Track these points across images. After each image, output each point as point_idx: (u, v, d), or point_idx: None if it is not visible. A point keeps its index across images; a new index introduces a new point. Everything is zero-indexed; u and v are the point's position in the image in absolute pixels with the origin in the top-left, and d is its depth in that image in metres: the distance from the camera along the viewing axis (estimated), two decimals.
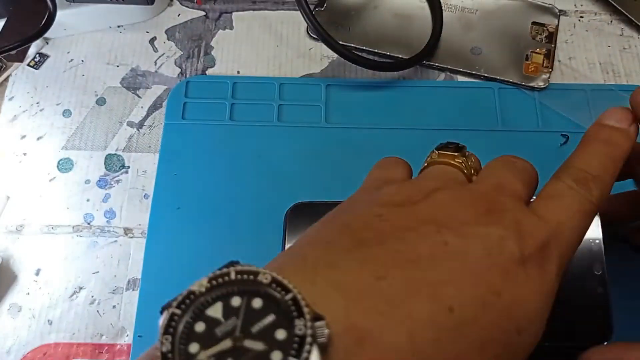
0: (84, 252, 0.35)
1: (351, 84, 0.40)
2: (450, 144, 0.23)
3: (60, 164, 0.38)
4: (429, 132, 0.38)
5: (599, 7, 0.43)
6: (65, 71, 0.41)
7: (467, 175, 0.22)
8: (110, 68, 0.41)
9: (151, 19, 0.43)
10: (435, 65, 0.40)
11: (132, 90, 0.40)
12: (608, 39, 0.42)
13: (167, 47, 0.42)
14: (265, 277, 0.14)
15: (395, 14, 0.42)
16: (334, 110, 0.39)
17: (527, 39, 0.41)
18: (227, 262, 0.15)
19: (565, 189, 0.20)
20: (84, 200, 0.36)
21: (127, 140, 0.38)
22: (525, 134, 0.38)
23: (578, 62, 0.41)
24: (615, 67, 0.41)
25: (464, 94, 0.39)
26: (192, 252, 0.34)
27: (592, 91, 0.39)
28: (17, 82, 0.41)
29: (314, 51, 0.42)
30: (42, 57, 0.42)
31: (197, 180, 0.36)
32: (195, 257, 0.34)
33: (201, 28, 0.43)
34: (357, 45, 0.41)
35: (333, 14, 0.42)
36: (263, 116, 0.38)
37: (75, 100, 0.40)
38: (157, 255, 0.34)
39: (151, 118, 0.39)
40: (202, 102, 0.39)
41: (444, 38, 0.41)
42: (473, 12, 0.42)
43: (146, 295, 0.33)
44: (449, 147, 0.23)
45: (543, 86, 0.39)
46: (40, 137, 0.39)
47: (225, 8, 0.44)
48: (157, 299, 0.19)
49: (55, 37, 0.42)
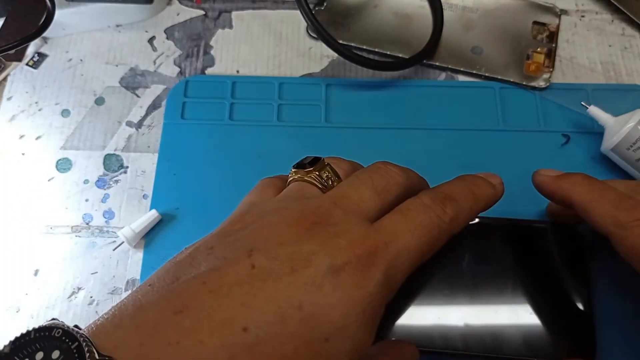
0: (82, 253, 0.35)
1: (351, 83, 0.40)
2: (307, 159, 0.24)
3: (59, 164, 0.38)
4: (430, 132, 0.38)
5: (600, 7, 0.43)
6: (64, 71, 0.41)
7: (323, 188, 0.23)
8: (109, 67, 0.41)
9: (150, 18, 0.43)
10: (436, 64, 0.40)
11: (131, 89, 0.40)
12: (609, 39, 0.42)
13: (166, 46, 0.42)
14: (57, 332, 0.15)
15: (395, 13, 0.42)
16: (334, 110, 0.39)
17: (528, 39, 0.41)
18: (49, 321, 0.16)
19: (418, 204, 0.22)
20: (82, 201, 0.36)
21: (126, 140, 0.38)
22: (526, 133, 0.38)
23: (579, 62, 0.41)
24: (617, 67, 0.40)
25: (464, 93, 0.39)
26: None
27: (593, 91, 0.39)
28: (15, 82, 0.40)
29: (314, 50, 0.42)
30: (40, 57, 0.41)
31: (196, 180, 0.36)
32: None
33: (200, 27, 0.42)
34: (357, 44, 0.41)
35: (333, 13, 0.42)
36: (263, 116, 0.38)
37: (74, 100, 0.40)
38: (156, 255, 0.34)
39: (150, 118, 0.39)
40: (202, 102, 0.39)
41: (445, 37, 0.41)
42: (474, 11, 0.42)
43: None
44: (303, 164, 0.24)
45: (544, 86, 0.39)
46: (38, 137, 0.38)
47: (225, 7, 0.43)
48: None
49: (54, 37, 0.42)
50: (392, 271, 0.19)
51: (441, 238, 0.21)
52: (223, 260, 0.18)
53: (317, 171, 0.23)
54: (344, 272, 0.18)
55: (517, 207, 0.35)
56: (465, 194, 0.24)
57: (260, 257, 0.18)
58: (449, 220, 0.21)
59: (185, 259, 0.20)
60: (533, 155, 0.37)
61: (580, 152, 0.37)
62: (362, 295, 0.18)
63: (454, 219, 0.22)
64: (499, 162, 0.37)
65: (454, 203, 0.22)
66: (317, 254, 0.18)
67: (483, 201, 0.24)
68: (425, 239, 0.20)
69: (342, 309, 0.17)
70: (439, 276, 0.30)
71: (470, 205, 0.23)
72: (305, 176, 0.23)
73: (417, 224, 0.21)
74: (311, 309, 0.17)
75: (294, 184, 0.24)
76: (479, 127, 0.38)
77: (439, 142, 0.37)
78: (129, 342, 0.16)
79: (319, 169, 0.23)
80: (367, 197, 0.21)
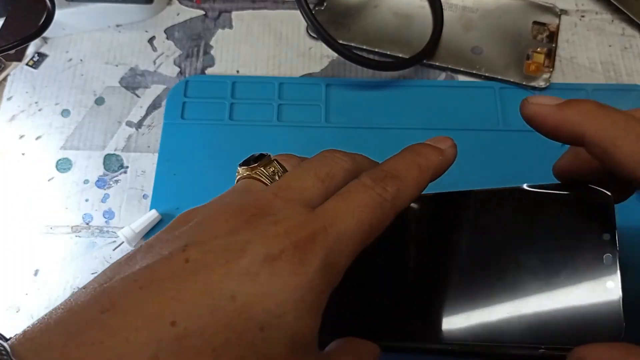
0: (82, 253, 0.35)
1: (351, 83, 0.40)
2: (252, 156, 0.24)
3: (59, 164, 0.38)
4: (430, 132, 0.38)
5: (600, 7, 0.43)
6: (64, 71, 0.41)
7: (269, 182, 0.23)
8: (109, 67, 0.41)
9: (150, 18, 0.43)
10: (436, 64, 0.40)
11: (131, 89, 0.40)
12: (609, 39, 0.42)
13: (166, 46, 0.42)
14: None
15: (395, 13, 0.42)
16: (334, 110, 0.39)
17: (528, 39, 0.41)
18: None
19: (358, 185, 0.21)
20: (82, 201, 0.36)
21: (126, 140, 0.38)
22: (526, 133, 0.38)
23: (579, 62, 0.41)
24: (617, 67, 0.40)
25: (464, 93, 0.39)
26: None
27: (593, 91, 0.39)
28: (15, 82, 0.40)
29: (314, 50, 0.42)
30: (40, 57, 0.41)
31: (196, 180, 0.36)
32: None
33: (200, 27, 0.42)
34: (357, 44, 0.41)
35: (333, 13, 0.42)
36: (263, 116, 0.38)
37: (74, 100, 0.40)
38: None
39: (150, 118, 0.39)
40: (202, 102, 0.39)
41: (445, 37, 0.41)
42: (474, 11, 0.42)
43: None
44: (248, 161, 0.24)
45: (544, 86, 0.39)
46: (38, 137, 0.38)
47: (225, 7, 0.43)
48: None
49: (54, 37, 0.42)
50: (333, 255, 0.19)
51: (385, 217, 0.21)
52: (157, 257, 0.18)
53: (262, 167, 0.23)
54: (281, 260, 0.18)
55: None
56: (407, 167, 0.23)
57: (194, 250, 0.18)
58: (392, 198, 0.21)
59: (124, 260, 0.19)
60: (533, 155, 0.37)
61: None
62: (299, 282, 0.18)
63: (396, 195, 0.21)
64: (499, 162, 0.37)
65: (395, 179, 0.22)
66: (252, 244, 0.18)
67: (430, 170, 0.23)
68: (367, 219, 0.20)
69: (278, 297, 0.17)
70: (413, 258, 0.26)
71: (415, 178, 0.22)
72: (251, 173, 0.23)
73: (357, 204, 0.20)
74: (245, 299, 0.17)
75: (240, 181, 0.24)
76: (478, 127, 0.38)
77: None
78: (53, 345, 0.16)
79: (264, 164, 0.23)
80: (309, 185, 0.21)
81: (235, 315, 0.16)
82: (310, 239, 0.18)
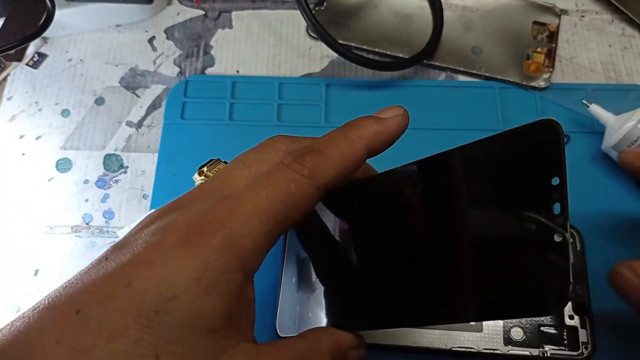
0: (82, 253, 0.35)
1: (351, 83, 0.40)
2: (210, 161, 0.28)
3: (59, 164, 0.38)
4: (430, 132, 0.38)
5: (600, 7, 0.43)
6: (64, 71, 0.41)
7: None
8: (109, 67, 0.41)
9: (150, 18, 0.43)
10: (436, 64, 0.40)
11: (131, 89, 0.40)
12: (609, 39, 0.42)
13: (166, 46, 0.42)
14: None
15: (395, 13, 0.42)
16: (334, 109, 0.39)
17: (528, 39, 0.41)
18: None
19: (275, 165, 0.21)
20: (82, 201, 0.36)
21: (126, 140, 0.38)
22: None
23: (579, 62, 0.41)
24: (617, 67, 0.40)
25: (464, 93, 0.39)
26: None
27: (593, 91, 0.39)
28: (15, 82, 0.40)
29: (314, 50, 0.42)
30: (40, 57, 0.41)
31: None
32: None
33: (200, 27, 0.43)
34: (357, 44, 0.41)
35: (333, 13, 0.42)
36: (263, 116, 0.38)
37: (74, 100, 0.40)
38: None
39: (150, 118, 0.39)
40: (202, 102, 0.39)
41: (445, 37, 0.41)
42: (474, 11, 0.42)
43: None
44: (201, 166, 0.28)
45: (544, 86, 0.39)
46: (38, 137, 0.38)
47: (225, 7, 0.43)
48: None
49: (54, 37, 0.42)
50: (235, 237, 0.19)
51: (302, 193, 0.20)
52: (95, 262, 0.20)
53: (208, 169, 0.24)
54: (177, 245, 0.18)
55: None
56: (334, 140, 0.22)
57: (113, 249, 0.20)
58: (309, 173, 0.21)
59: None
60: None
61: (580, 151, 0.37)
62: (192, 264, 0.18)
63: (314, 170, 0.21)
64: None
65: (315, 154, 0.21)
66: (154, 234, 0.19)
67: (362, 140, 0.22)
68: (277, 197, 0.20)
69: (170, 281, 0.18)
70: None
71: (341, 151, 0.22)
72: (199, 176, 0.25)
73: (268, 183, 0.20)
74: (140, 285, 0.18)
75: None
76: (479, 127, 0.38)
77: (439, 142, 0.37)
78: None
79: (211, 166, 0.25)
80: (234, 173, 0.22)
81: (130, 301, 0.17)
82: (208, 224, 0.19)
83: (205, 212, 0.19)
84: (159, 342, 0.17)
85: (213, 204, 0.20)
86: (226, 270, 0.19)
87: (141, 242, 0.19)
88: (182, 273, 0.18)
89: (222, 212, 0.19)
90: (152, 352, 0.17)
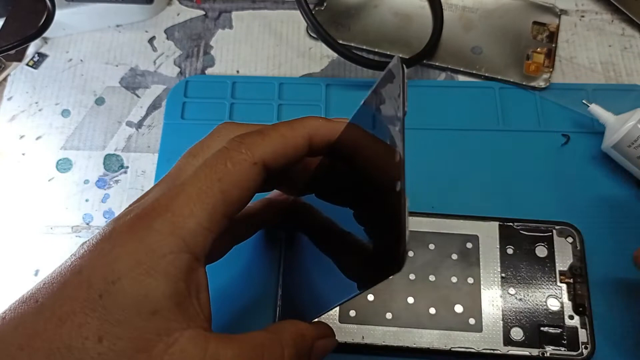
0: None
1: (351, 83, 0.40)
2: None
3: (59, 164, 0.38)
4: (430, 132, 0.38)
5: (600, 7, 0.43)
6: (64, 71, 0.41)
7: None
8: (109, 68, 0.41)
9: (150, 18, 0.43)
10: (436, 64, 0.40)
11: (131, 90, 0.40)
12: (609, 39, 0.42)
13: (166, 46, 0.42)
14: None
15: (395, 13, 0.42)
16: (334, 110, 0.39)
17: (528, 39, 0.41)
18: None
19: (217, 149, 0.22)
20: (82, 201, 0.36)
21: (126, 140, 0.38)
22: (526, 133, 0.38)
23: (579, 62, 0.41)
24: (617, 67, 0.40)
25: (464, 93, 0.39)
26: None
27: (593, 91, 0.39)
28: (15, 82, 0.40)
29: (314, 51, 0.42)
30: (41, 57, 0.41)
31: None
32: None
33: (200, 27, 0.43)
34: (357, 44, 0.41)
35: (333, 13, 0.42)
36: (263, 116, 0.38)
37: (74, 100, 0.40)
38: None
39: (150, 118, 0.39)
40: (202, 102, 0.39)
41: (445, 37, 0.41)
42: (474, 11, 0.42)
43: None
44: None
45: (544, 86, 0.39)
46: (39, 137, 0.39)
47: (225, 7, 0.43)
48: None
49: (54, 37, 0.42)
50: (177, 219, 0.19)
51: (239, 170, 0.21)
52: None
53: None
54: (124, 233, 0.19)
55: (516, 207, 0.35)
56: (277, 125, 0.23)
57: (79, 247, 0.20)
58: (245, 149, 0.21)
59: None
60: (533, 155, 0.37)
61: (580, 151, 0.37)
62: (137, 247, 0.19)
63: (251, 146, 0.21)
64: (499, 162, 0.37)
65: (256, 134, 0.22)
66: (109, 226, 0.20)
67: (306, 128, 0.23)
68: (215, 176, 0.20)
69: (114, 264, 0.18)
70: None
71: (282, 133, 0.22)
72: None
73: (206, 165, 0.21)
74: (89, 271, 0.19)
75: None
76: (478, 127, 0.38)
77: (439, 142, 0.37)
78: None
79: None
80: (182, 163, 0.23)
81: (78, 287, 0.18)
82: (153, 210, 0.20)
83: (152, 200, 0.20)
84: (102, 325, 0.18)
85: (160, 192, 0.21)
86: (169, 252, 0.19)
87: (97, 234, 0.20)
88: (125, 256, 0.19)
89: (166, 198, 0.20)
90: (95, 335, 0.17)
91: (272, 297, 0.32)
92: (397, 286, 0.32)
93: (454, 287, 0.32)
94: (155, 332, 0.18)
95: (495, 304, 0.31)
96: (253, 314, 0.32)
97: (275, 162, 0.22)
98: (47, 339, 0.17)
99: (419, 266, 0.32)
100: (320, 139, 0.23)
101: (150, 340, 0.18)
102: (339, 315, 0.31)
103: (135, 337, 0.18)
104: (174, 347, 0.18)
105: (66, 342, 0.17)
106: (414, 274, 0.32)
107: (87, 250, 0.19)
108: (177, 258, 0.19)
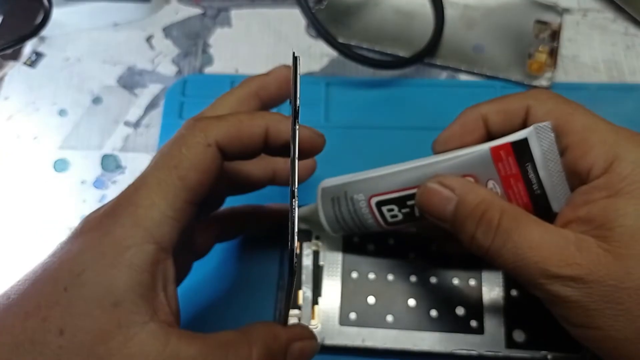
0: None
1: (351, 82, 0.40)
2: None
3: (56, 164, 0.37)
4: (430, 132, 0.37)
5: (602, 5, 0.43)
6: (62, 70, 0.41)
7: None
8: (106, 67, 0.41)
9: (148, 17, 0.42)
10: (437, 63, 0.40)
11: (128, 89, 0.40)
12: (612, 37, 0.41)
13: (164, 45, 0.41)
14: None
15: (396, 11, 0.42)
16: (334, 108, 0.38)
17: (530, 37, 0.41)
18: None
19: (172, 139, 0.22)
20: (80, 201, 0.36)
21: (124, 140, 0.38)
22: None
23: (582, 61, 0.40)
24: (619, 66, 0.40)
25: (466, 92, 0.39)
26: None
27: (596, 90, 0.38)
28: (12, 81, 0.40)
29: (314, 49, 0.41)
30: (38, 56, 0.41)
31: None
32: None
33: (199, 26, 0.42)
34: (358, 43, 0.40)
35: (333, 11, 0.42)
36: None
37: (71, 100, 0.39)
38: None
39: (148, 117, 0.39)
40: (200, 101, 0.38)
41: (446, 36, 0.41)
42: (475, 9, 0.42)
43: None
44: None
45: (546, 85, 0.38)
46: (35, 137, 0.38)
47: (223, 5, 0.43)
48: None
49: (51, 36, 0.42)
50: (140, 210, 0.19)
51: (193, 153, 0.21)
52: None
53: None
54: (91, 228, 0.20)
55: None
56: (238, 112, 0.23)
57: (56, 247, 0.21)
58: (199, 132, 0.21)
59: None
60: None
61: None
62: (102, 240, 0.19)
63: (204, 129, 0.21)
64: None
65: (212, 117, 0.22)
66: (80, 224, 0.21)
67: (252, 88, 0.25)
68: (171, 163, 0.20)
69: (80, 257, 0.19)
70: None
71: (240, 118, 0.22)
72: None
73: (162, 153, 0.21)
74: (55, 265, 0.19)
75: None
76: None
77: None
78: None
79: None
80: (153, 160, 0.23)
81: (45, 281, 0.19)
82: (118, 204, 0.20)
83: (118, 196, 0.21)
84: (64, 317, 0.18)
85: (128, 187, 0.21)
86: (133, 243, 0.19)
87: (70, 233, 0.21)
88: (90, 250, 0.19)
89: (129, 192, 0.20)
90: (57, 327, 0.18)
91: (271, 308, 0.32)
92: (398, 288, 0.31)
93: (455, 288, 0.31)
94: (116, 324, 0.18)
95: (498, 305, 0.31)
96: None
97: (230, 145, 0.22)
98: (12, 334, 0.18)
99: (419, 268, 0.32)
100: (277, 134, 0.24)
101: (110, 332, 0.18)
102: (339, 318, 0.31)
103: (95, 328, 0.18)
104: (134, 340, 0.18)
105: (30, 336, 0.18)
106: (415, 276, 0.32)
107: (58, 248, 0.20)
108: (141, 249, 0.19)
